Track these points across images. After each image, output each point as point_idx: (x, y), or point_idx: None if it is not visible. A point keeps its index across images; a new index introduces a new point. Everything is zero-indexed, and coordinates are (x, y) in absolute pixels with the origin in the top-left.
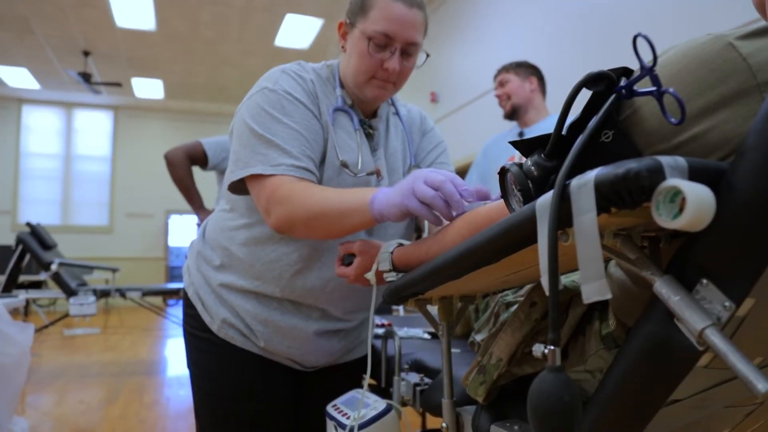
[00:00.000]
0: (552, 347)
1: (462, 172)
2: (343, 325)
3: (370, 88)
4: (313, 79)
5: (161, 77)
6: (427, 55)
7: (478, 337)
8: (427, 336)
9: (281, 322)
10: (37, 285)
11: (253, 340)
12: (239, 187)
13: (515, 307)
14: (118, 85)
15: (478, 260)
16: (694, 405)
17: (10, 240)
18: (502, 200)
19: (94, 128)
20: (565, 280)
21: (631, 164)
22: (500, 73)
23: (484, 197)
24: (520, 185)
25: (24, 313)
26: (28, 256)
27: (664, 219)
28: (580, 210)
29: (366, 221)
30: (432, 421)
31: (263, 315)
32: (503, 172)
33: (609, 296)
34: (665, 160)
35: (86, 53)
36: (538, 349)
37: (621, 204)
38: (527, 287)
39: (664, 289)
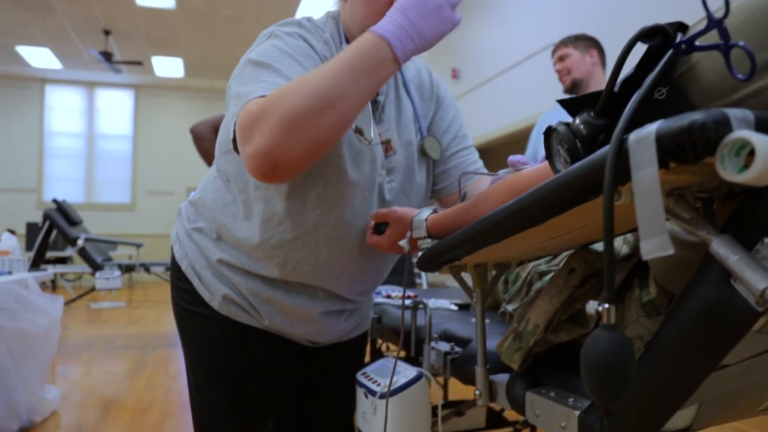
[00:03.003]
0: (607, 305)
1: (484, 150)
2: (350, 305)
3: None
4: (328, 34)
5: (181, 55)
6: None
7: (510, 307)
8: (454, 307)
9: (286, 302)
10: (63, 261)
11: (256, 317)
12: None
13: (549, 276)
14: (138, 63)
15: (524, 221)
16: (742, 371)
17: (36, 217)
18: (542, 165)
19: (116, 107)
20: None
21: (695, 116)
22: (559, 47)
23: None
24: (567, 144)
25: (52, 287)
26: (54, 233)
27: (729, 173)
28: (639, 164)
29: (381, 64)
30: (453, 393)
31: (266, 294)
32: (549, 132)
33: (671, 252)
34: (732, 111)
35: (107, 32)
36: (591, 306)
37: (683, 158)
38: (561, 256)
39: (722, 248)
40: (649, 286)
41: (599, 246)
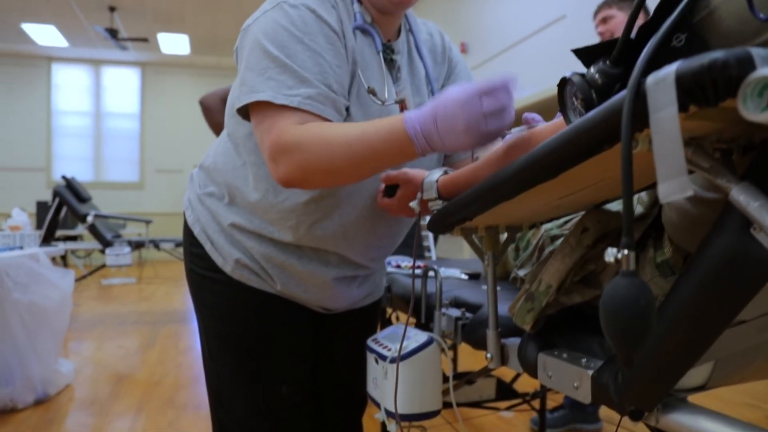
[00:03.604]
0: (626, 251)
1: None
2: (363, 272)
3: None
4: None
5: (187, 32)
6: None
7: (521, 272)
8: (464, 276)
9: (299, 267)
10: (73, 239)
11: (269, 282)
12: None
13: (561, 240)
14: (144, 40)
15: (538, 175)
16: (760, 327)
17: (46, 196)
18: (556, 121)
19: (123, 85)
20: (617, 206)
21: (717, 54)
22: (602, 8)
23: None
24: (582, 95)
25: (63, 264)
26: (64, 210)
27: (752, 113)
28: (658, 106)
29: (406, 154)
30: (462, 366)
31: (279, 259)
32: (562, 83)
33: (690, 193)
34: (755, 50)
35: (112, 8)
36: (610, 253)
37: (703, 100)
38: (573, 221)
39: (742, 195)
40: (663, 246)
41: (613, 206)
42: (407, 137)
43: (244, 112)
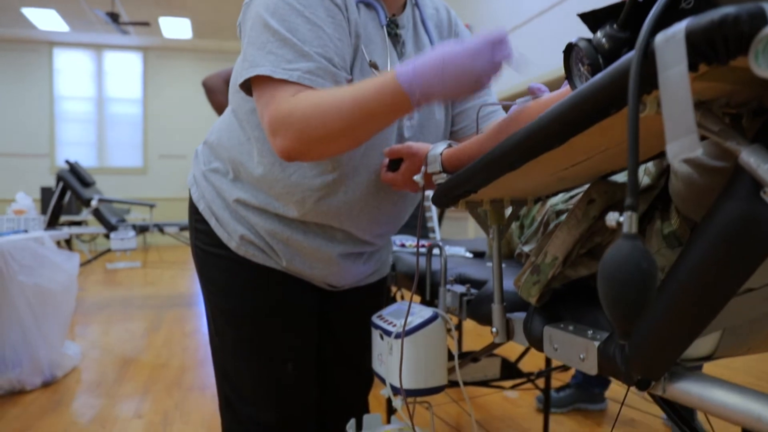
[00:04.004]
0: (629, 213)
1: None
2: (368, 248)
3: None
4: None
5: (189, 16)
6: None
7: (526, 248)
8: (469, 255)
9: (304, 243)
10: (77, 225)
11: (274, 258)
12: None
13: (566, 215)
14: (145, 24)
15: (544, 141)
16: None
17: (50, 182)
18: (562, 90)
19: (125, 71)
20: (623, 177)
21: (728, 9)
22: None
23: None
24: (588, 60)
25: (68, 250)
26: (68, 195)
27: (764, 70)
28: (667, 64)
29: (400, 109)
30: (467, 346)
31: (285, 234)
32: (568, 50)
33: (699, 151)
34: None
35: None
36: (612, 217)
37: (713, 57)
38: (578, 196)
39: (752, 157)
40: (670, 217)
41: (619, 178)
42: (400, 90)
43: (247, 87)
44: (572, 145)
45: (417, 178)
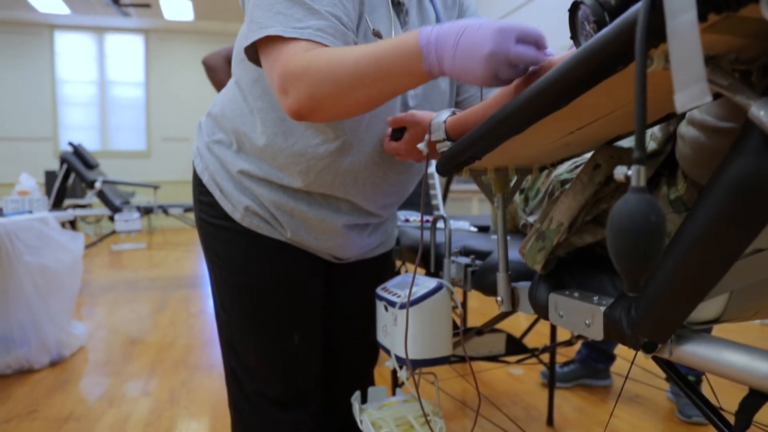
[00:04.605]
0: (637, 166)
1: None
2: (373, 220)
3: None
4: None
5: None
6: None
7: (531, 219)
8: (473, 229)
9: (308, 213)
10: (82, 208)
11: (279, 229)
12: (257, 59)
13: (571, 181)
14: (146, 6)
15: (549, 101)
16: None
17: (54, 166)
18: (570, 51)
19: (127, 53)
20: (629, 143)
21: None
22: None
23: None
24: (594, 17)
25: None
26: (72, 177)
27: None
28: (676, 13)
29: (413, 71)
30: (472, 323)
31: (289, 205)
32: (574, 8)
33: (709, 99)
34: None
35: None
36: (621, 171)
37: (724, 4)
38: (583, 166)
39: (763, 111)
40: (677, 182)
41: (624, 143)
42: (417, 49)
43: (253, 52)
44: (577, 107)
45: (421, 146)
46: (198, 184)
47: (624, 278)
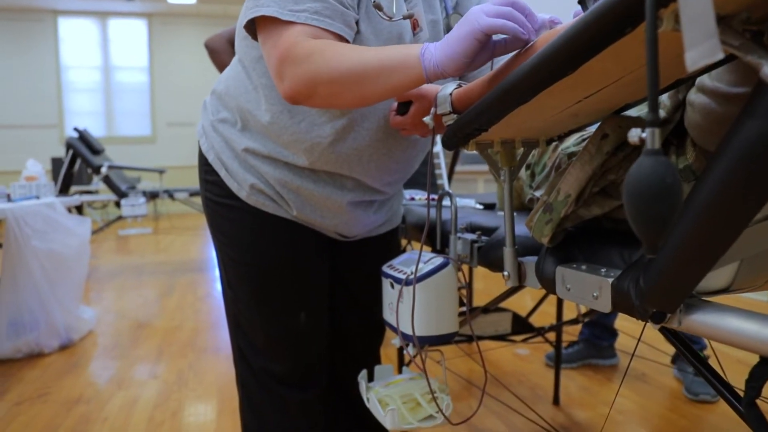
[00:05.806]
0: (651, 129)
1: None
2: (379, 197)
3: None
4: None
5: None
6: None
7: (538, 194)
8: (479, 206)
9: (314, 191)
10: (88, 194)
11: (285, 207)
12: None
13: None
14: None
15: (556, 68)
16: None
17: (60, 152)
18: (577, 19)
19: (130, 38)
20: (636, 112)
21: None
22: None
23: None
24: None
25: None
26: (78, 163)
27: None
28: None
29: (412, 79)
30: (477, 303)
31: (294, 183)
32: None
33: (721, 55)
34: None
35: None
36: (635, 133)
37: None
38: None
39: None
40: (686, 151)
41: (632, 112)
42: (419, 64)
43: (252, 30)
44: (585, 74)
45: (427, 119)
46: (203, 163)
47: (643, 240)
